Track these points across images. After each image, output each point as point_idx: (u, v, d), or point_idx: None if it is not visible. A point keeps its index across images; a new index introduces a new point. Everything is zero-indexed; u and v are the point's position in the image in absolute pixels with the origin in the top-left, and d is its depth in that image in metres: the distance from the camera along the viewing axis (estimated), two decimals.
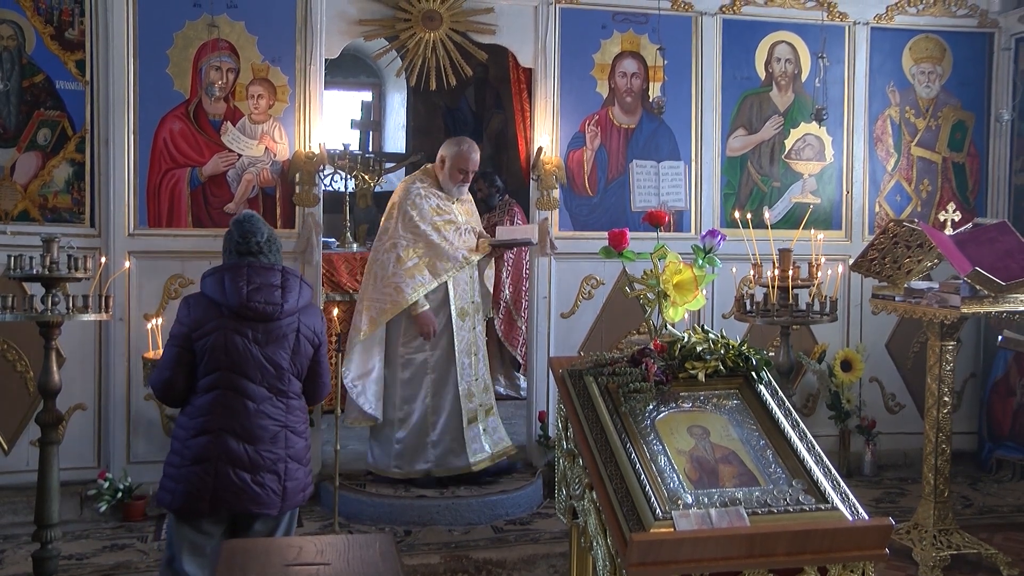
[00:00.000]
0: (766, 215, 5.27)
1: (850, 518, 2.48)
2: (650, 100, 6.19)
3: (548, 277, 6.17)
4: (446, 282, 5.51)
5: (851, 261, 5.27)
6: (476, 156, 5.66)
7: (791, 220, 6.45)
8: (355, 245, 7.31)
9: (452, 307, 5.57)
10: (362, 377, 5.57)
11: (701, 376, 2.87)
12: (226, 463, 3.49)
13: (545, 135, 6.14)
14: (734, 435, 2.76)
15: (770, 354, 4.63)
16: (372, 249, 5.72)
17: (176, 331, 3.60)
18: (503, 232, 6.12)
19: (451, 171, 5.59)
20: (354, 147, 8.57)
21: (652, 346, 2.97)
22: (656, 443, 2.68)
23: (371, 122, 10.72)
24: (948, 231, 4.88)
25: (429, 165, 5.75)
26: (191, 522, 3.57)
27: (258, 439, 3.53)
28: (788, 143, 6.56)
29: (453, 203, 5.67)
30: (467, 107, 10.27)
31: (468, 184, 5.77)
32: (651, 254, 3.13)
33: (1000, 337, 5.30)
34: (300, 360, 3.66)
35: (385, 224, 5.61)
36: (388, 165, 9.15)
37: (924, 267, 4.78)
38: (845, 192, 6.66)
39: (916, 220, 4.92)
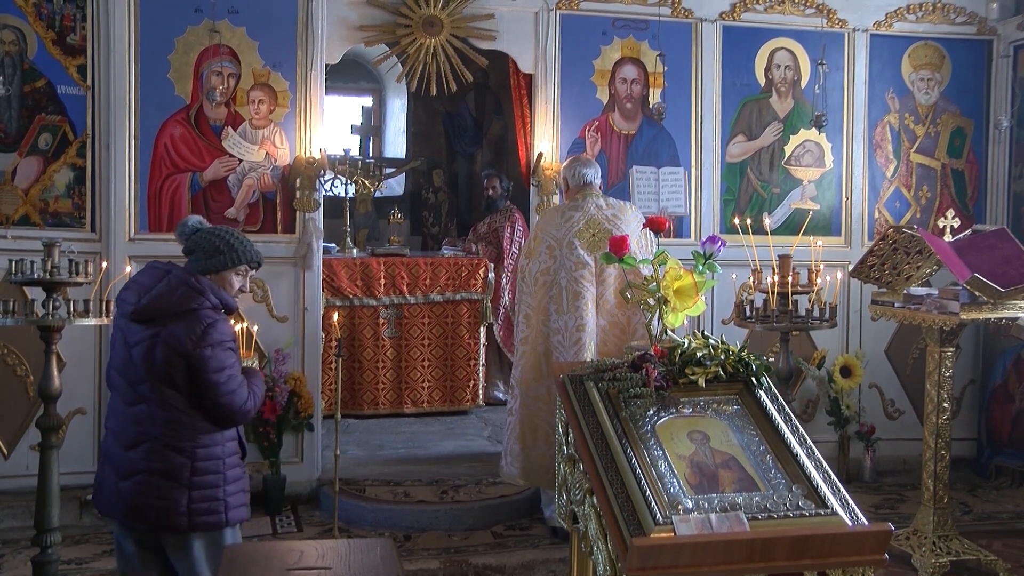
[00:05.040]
0: (766, 221, 5.28)
1: (849, 524, 2.49)
2: (650, 106, 6.20)
3: None
4: None
5: (850, 267, 5.28)
6: None
7: (791, 226, 6.46)
8: (355, 250, 7.30)
9: None
10: None
11: (701, 382, 2.88)
12: (104, 460, 3.47)
13: (545, 141, 6.15)
14: (734, 440, 2.76)
15: (770, 360, 4.62)
16: None
17: None
18: None
19: None
20: (354, 152, 8.57)
21: (652, 352, 2.98)
22: (656, 448, 2.68)
23: (371, 127, 10.71)
24: (947, 237, 4.89)
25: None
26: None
27: (126, 443, 3.36)
28: (788, 149, 6.58)
29: None
30: (467, 113, 10.29)
31: None
32: (651, 260, 3.14)
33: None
34: (158, 368, 3.30)
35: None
36: (388, 170, 9.17)
37: (923, 273, 4.79)
38: (844, 198, 6.67)
39: (915, 226, 4.93)
